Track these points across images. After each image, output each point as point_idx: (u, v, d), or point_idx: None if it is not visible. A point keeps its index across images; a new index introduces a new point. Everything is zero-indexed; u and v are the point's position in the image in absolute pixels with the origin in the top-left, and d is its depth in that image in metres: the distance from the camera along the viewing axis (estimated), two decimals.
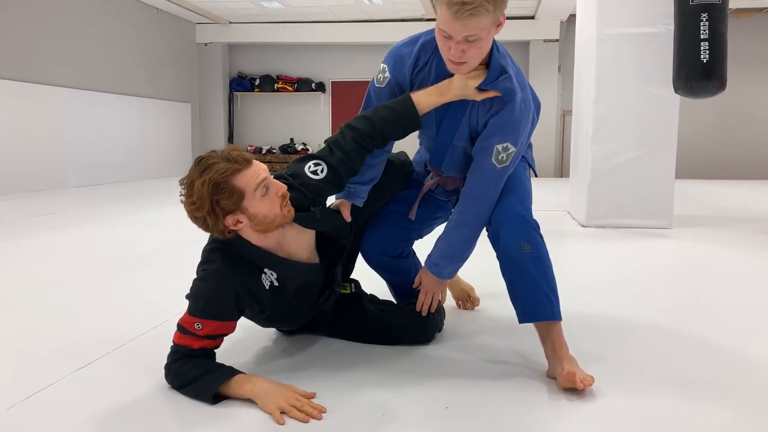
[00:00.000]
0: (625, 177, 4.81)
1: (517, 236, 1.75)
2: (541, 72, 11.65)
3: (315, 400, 1.57)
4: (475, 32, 1.56)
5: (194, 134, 12.27)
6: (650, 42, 4.66)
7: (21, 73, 7.79)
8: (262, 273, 1.70)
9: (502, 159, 1.76)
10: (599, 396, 1.61)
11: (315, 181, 1.76)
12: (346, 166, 1.77)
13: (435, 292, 2.00)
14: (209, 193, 1.52)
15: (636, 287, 2.97)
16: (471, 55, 1.61)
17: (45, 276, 3.14)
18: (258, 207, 1.59)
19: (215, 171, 1.53)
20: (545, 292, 1.74)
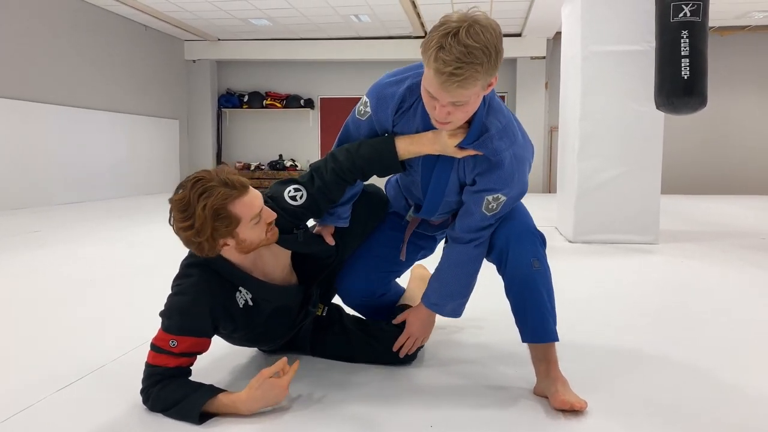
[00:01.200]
0: (612, 193, 4.85)
1: (527, 253, 1.71)
2: (529, 89, 11.75)
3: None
4: (462, 99, 1.47)
5: (182, 151, 12.24)
6: (634, 59, 4.72)
7: (8, 90, 7.75)
8: (237, 291, 1.69)
9: (493, 208, 1.71)
10: (585, 415, 1.61)
11: (293, 207, 1.77)
12: (325, 195, 1.78)
13: (419, 337, 1.94)
14: (211, 218, 1.51)
15: (623, 303, 2.97)
16: (457, 117, 1.52)
17: (26, 295, 3.10)
18: (249, 233, 1.60)
19: (216, 196, 1.52)
20: (550, 312, 1.72)
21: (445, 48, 1.38)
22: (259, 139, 12.83)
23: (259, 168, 12.64)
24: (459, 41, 1.37)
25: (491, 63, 1.41)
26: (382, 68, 12.63)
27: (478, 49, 1.38)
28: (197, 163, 12.49)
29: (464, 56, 1.37)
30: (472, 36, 1.37)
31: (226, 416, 1.56)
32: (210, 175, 1.55)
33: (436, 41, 1.40)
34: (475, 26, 1.39)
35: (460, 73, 1.38)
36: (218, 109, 12.71)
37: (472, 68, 1.39)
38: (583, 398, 1.62)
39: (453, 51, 1.37)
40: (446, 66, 1.38)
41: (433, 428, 1.53)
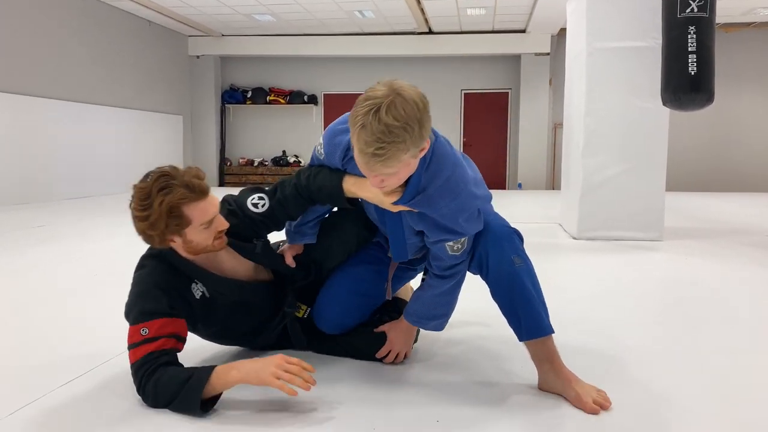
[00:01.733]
0: (616, 190, 4.84)
1: (507, 250, 1.71)
2: (533, 85, 11.73)
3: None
4: (392, 172, 1.45)
5: (186, 146, 12.25)
6: (640, 55, 4.71)
7: (12, 85, 7.76)
8: (193, 283, 1.73)
9: (458, 248, 1.70)
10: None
11: (254, 214, 1.81)
12: (283, 209, 1.81)
13: (402, 350, 1.94)
14: (165, 215, 1.57)
15: (627, 300, 2.97)
16: (391, 183, 1.50)
17: (29, 291, 3.10)
18: (195, 236, 1.65)
19: (174, 195, 1.57)
20: (541, 306, 1.72)
21: (366, 127, 1.37)
22: (262, 135, 12.84)
23: (263, 164, 12.64)
24: (380, 120, 1.36)
25: (414, 137, 1.39)
26: (385, 64, 12.67)
27: (399, 128, 1.36)
28: (201, 159, 12.50)
29: (385, 136, 1.36)
30: (393, 114, 1.36)
31: (231, 409, 1.56)
32: (176, 173, 1.61)
33: (359, 119, 1.39)
34: (396, 101, 1.37)
35: (381, 153, 1.38)
36: (222, 104, 12.72)
37: (394, 147, 1.38)
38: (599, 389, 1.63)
39: (374, 130, 1.36)
40: (368, 147, 1.38)
41: (440, 423, 1.53)
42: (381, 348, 1.94)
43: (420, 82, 8.25)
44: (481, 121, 12.38)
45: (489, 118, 12.38)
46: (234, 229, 1.77)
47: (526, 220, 6.24)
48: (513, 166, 12.26)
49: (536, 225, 5.85)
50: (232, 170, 12.64)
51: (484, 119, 12.38)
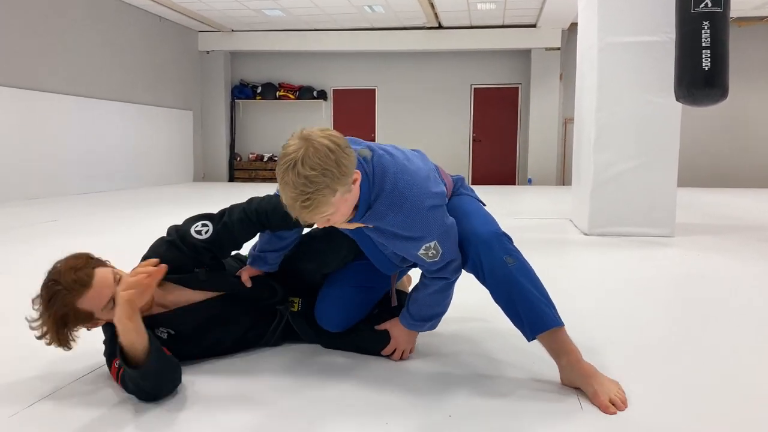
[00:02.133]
0: (628, 185, 4.81)
1: (498, 253, 1.72)
2: (543, 80, 11.68)
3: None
4: (327, 215, 1.48)
5: (196, 142, 12.29)
6: (652, 50, 4.67)
7: (24, 81, 7.82)
8: (155, 329, 1.74)
9: (433, 254, 1.70)
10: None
11: (197, 241, 1.81)
12: (229, 233, 1.81)
13: (407, 347, 1.96)
14: (58, 326, 1.59)
15: (639, 296, 2.96)
16: (337, 219, 1.55)
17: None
18: (109, 315, 1.62)
19: (59, 303, 1.58)
20: (541, 300, 1.71)
21: (288, 184, 1.42)
22: (272, 131, 12.86)
23: (272, 159, 12.67)
24: (298, 174, 1.40)
25: (336, 179, 1.43)
26: (395, 59, 12.64)
27: (318, 175, 1.40)
28: (211, 154, 12.55)
29: (307, 187, 1.40)
30: (309, 165, 1.40)
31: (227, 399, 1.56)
32: (60, 273, 1.61)
33: (281, 176, 1.43)
34: (308, 152, 1.41)
35: (308, 204, 1.42)
36: (232, 100, 12.75)
37: (319, 194, 1.41)
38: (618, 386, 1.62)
39: (296, 185, 1.40)
40: (295, 201, 1.42)
41: (452, 417, 1.54)
42: (385, 346, 1.95)
43: (429, 77, 8.33)
44: (491, 116, 12.34)
45: (499, 114, 12.34)
46: (174, 263, 1.76)
47: (537, 215, 6.22)
48: (523, 161, 12.22)
49: (547, 221, 5.83)
50: (241, 165, 12.68)
51: (494, 114, 12.34)
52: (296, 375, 1.82)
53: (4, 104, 7.48)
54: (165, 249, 1.80)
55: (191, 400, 1.63)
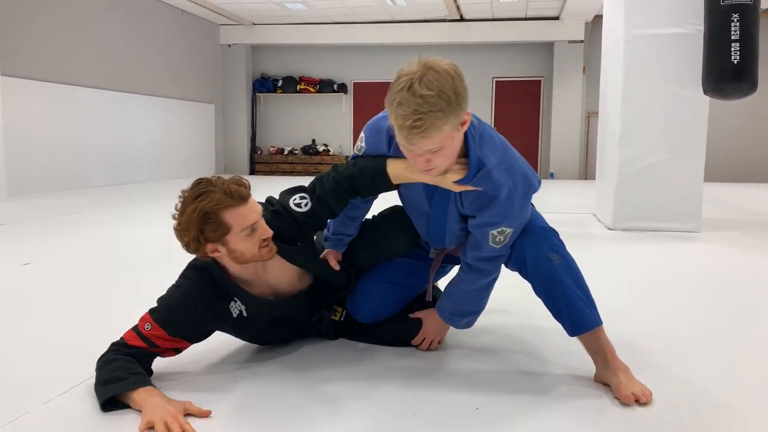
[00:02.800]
0: (653, 179, 4.75)
1: (544, 249, 1.70)
2: (566, 73, 11.56)
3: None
4: (434, 146, 1.45)
5: (218, 135, 12.38)
6: (679, 43, 4.60)
7: (48, 74, 7.92)
8: (232, 301, 1.72)
9: (500, 240, 1.69)
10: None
11: (297, 214, 1.78)
12: (325, 204, 1.77)
13: (436, 337, 1.96)
14: (197, 220, 1.54)
15: (664, 291, 2.92)
16: (437, 162, 1.51)
17: (70, 276, 3.18)
18: (239, 244, 1.61)
19: (209, 201, 1.54)
20: (584, 300, 1.69)
21: (402, 103, 1.39)
22: (292, 124, 12.90)
23: (293, 152, 12.72)
24: (414, 93, 1.38)
25: (452, 106, 1.40)
26: (416, 52, 12.57)
27: (434, 96, 1.38)
28: (232, 147, 12.63)
29: (421, 107, 1.38)
30: (426, 85, 1.38)
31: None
32: (216, 181, 1.59)
33: (394, 97, 1.42)
34: (428, 74, 1.40)
35: (420, 124, 1.38)
36: (253, 93, 12.80)
37: (432, 116, 1.38)
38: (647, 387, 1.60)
39: (410, 104, 1.38)
40: (405, 120, 1.39)
41: (480, 410, 1.54)
42: (416, 334, 1.95)
43: None
44: (513, 109, 12.26)
45: (521, 107, 12.25)
46: (279, 231, 1.73)
47: (560, 210, 6.18)
48: (545, 155, 12.12)
49: (570, 215, 5.78)
50: (262, 159, 12.74)
51: (516, 108, 12.25)
52: (323, 363, 1.83)
53: (31, 98, 7.60)
54: (270, 216, 1.74)
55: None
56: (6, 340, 2.10)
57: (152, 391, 1.51)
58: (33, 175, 7.63)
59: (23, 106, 7.45)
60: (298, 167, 12.52)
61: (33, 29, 7.65)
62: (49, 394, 1.61)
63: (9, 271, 3.22)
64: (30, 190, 7.53)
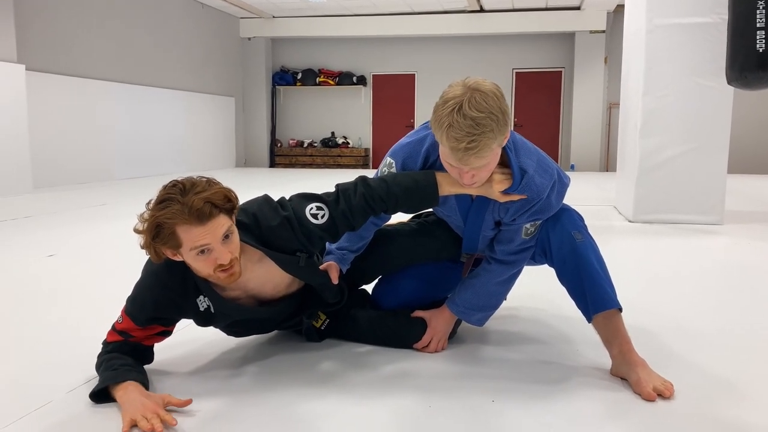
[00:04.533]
0: (675, 171, 4.69)
1: (567, 227, 1.74)
2: (587, 64, 11.43)
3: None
4: (484, 163, 1.51)
5: (238, 128, 12.46)
6: (702, 32, 4.52)
7: (72, 69, 8.03)
8: (201, 295, 1.64)
9: (531, 231, 1.76)
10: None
11: (312, 225, 1.65)
12: (347, 220, 1.67)
13: (444, 337, 1.90)
14: (150, 229, 1.46)
15: (686, 284, 2.89)
16: (481, 176, 1.57)
17: (94, 267, 3.24)
18: (191, 261, 1.52)
19: (165, 212, 1.44)
20: (606, 280, 1.71)
21: (454, 126, 1.44)
22: (311, 117, 12.93)
23: (312, 145, 12.75)
24: (465, 116, 1.43)
25: (500, 125, 1.46)
26: (435, 44, 12.52)
27: (485, 118, 1.44)
28: (252, 140, 12.71)
29: (473, 129, 1.43)
30: (476, 107, 1.44)
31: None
32: (189, 189, 1.47)
33: (445, 119, 1.45)
34: (476, 96, 1.45)
35: (474, 146, 1.44)
36: (272, 86, 12.85)
37: (485, 137, 1.44)
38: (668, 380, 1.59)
39: (462, 127, 1.43)
40: (459, 143, 1.44)
41: (495, 403, 1.54)
42: (420, 335, 1.88)
43: (470, 62, 8.20)
44: (533, 101, 12.15)
45: (541, 98, 12.14)
46: (283, 241, 1.64)
47: (580, 202, 6.12)
48: (566, 147, 12.01)
49: (590, 207, 5.73)
50: (282, 151, 12.80)
51: (537, 99, 12.14)
52: (334, 357, 1.85)
53: (55, 92, 7.71)
54: (278, 224, 1.63)
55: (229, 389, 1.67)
56: (31, 329, 2.15)
57: (129, 387, 1.49)
58: (58, 168, 7.76)
59: (48, 100, 7.57)
60: (318, 160, 12.55)
61: (56, 24, 7.76)
62: (72, 383, 1.64)
63: (34, 262, 3.28)
64: (55, 183, 7.65)
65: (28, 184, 6.93)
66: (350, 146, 12.69)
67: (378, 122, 12.73)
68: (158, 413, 1.40)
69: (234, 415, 1.48)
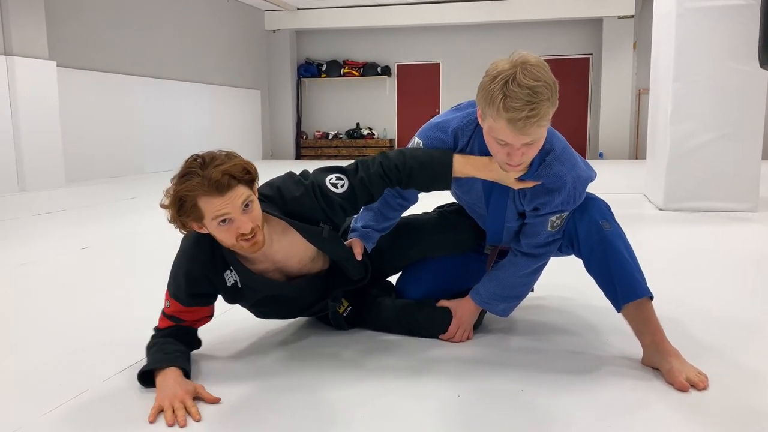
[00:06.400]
0: (707, 158, 4.60)
1: (595, 216, 1.71)
2: (615, 49, 11.24)
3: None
4: (538, 137, 1.51)
5: (264, 120, 12.54)
6: (735, 14, 4.41)
7: (101, 64, 8.16)
8: (228, 269, 1.68)
9: (557, 224, 1.73)
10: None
11: (333, 194, 1.69)
12: (366, 188, 1.70)
13: (469, 327, 1.89)
14: (174, 203, 1.53)
15: (719, 273, 2.84)
16: (530, 155, 1.55)
17: (126, 259, 3.30)
18: (215, 232, 1.57)
19: (186, 185, 1.50)
20: (636, 269, 1.68)
21: (511, 96, 1.42)
22: (336, 108, 12.95)
23: (337, 137, 12.78)
24: (522, 85, 1.42)
25: (554, 95, 1.47)
26: (459, 32, 12.40)
27: (541, 86, 1.44)
28: (278, 133, 12.78)
29: (533, 96, 1.42)
30: (530, 76, 1.43)
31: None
32: (210, 162, 1.53)
33: (498, 92, 1.43)
34: (528, 67, 1.44)
35: (534, 113, 1.42)
36: (298, 78, 12.89)
37: (544, 105, 1.44)
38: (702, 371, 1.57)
39: (521, 96, 1.41)
40: (520, 112, 1.42)
41: (525, 392, 1.53)
42: (445, 325, 1.88)
43: (496, 50, 8.07)
44: (561, 88, 11.46)
45: (569, 85, 11.95)
46: (306, 211, 1.67)
47: (609, 190, 6.03)
48: (594, 134, 11.84)
49: (620, 195, 5.65)
50: (308, 143, 12.85)
51: (564, 86, 11.61)
52: (361, 345, 1.86)
53: (86, 87, 7.84)
54: (301, 193, 1.67)
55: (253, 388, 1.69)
56: (66, 320, 2.20)
57: (169, 373, 1.53)
58: (89, 162, 7.91)
59: (78, 96, 7.70)
60: (343, 151, 12.58)
61: (85, 21, 7.88)
62: (107, 372, 1.68)
63: (68, 254, 3.36)
64: (86, 177, 7.81)
65: (60, 178, 7.07)
66: (375, 137, 12.69)
67: (403, 112, 12.70)
68: (185, 403, 1.43)
69: (264, 403, 1.50)
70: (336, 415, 1.44)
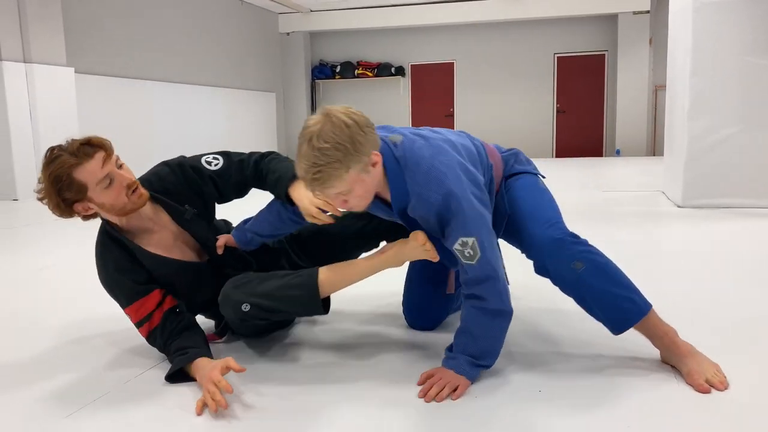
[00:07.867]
0: (726, 154, 4.54)
1: (563, 260, 1.59)
2: (631, 46, 11.14)
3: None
4: (341, 191, 1.47)
5: (279, 123, 12.60)
6: (752, 8, 4.35)
7: (117, 70, 8.25)
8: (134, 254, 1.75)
9: (470, 255, 1.51)
10: None
11: (205, 169, 1.84)
12: (240, 171, 1.85)
13: (451, 386, 1.54)
14: (52, 186, 1.59)
15: (740, 271, 2.80)
16: (354, 202, 1.53)
17: None
18: (102, 197, 1.64)
19: (57, 165, 1.58)
20: (622, 296, 1.60)
21: (303, 156, 1.44)
22: None
23: None
24: (312, 147, 1.42)
25: (349, 155, 1.43)
26: (473, 31, 12.35)
27: (331, 149, 1.41)
28: (293, 135, 12.80)
29: (319, 159, 1.42)
30: (323, 138, 1.42)
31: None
32: (68, 145, 1.61)
33: (298, 149, 1.46)
34: (324, 127, 1.43)
35: (319, 176, 1.43)
36: (312, 80, 12.94)
37: (330, 167, 1.42)
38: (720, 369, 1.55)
39: (309, 157, 1.43)
40: (306, 173, 1.45)
41: (542, 393, 1.53)
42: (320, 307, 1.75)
43: (510, 48, 8.07)
44: (576, 85, 11.92)
45: (584, 82, 11.89)
46: (171, 186, 1.80)
47: (626, 187, 6.00)
48: (610, 131, 11.75)
49: (637, 193, 5.61)
50: None
51: (579, 83, 11.90)
52: (370, 341, 1.86)
53: (103, 93, 7.94)
54: (167, 172, 1.82)
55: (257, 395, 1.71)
56: (88, 323, 2.23)
57: (199, 363, 1.60)
58: None
59: (96, 102, 7.80)
60: None
61: (102, 28, 7.98)
62: (127, 375, 1.70)
63: (86, 257, 3.39)
64: None
65: None
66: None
67: (417, 112, 12.69)
68: (218, 384, 1.46)
69: (264, 403, 1.51)
70: (346, 412, 1.44)
